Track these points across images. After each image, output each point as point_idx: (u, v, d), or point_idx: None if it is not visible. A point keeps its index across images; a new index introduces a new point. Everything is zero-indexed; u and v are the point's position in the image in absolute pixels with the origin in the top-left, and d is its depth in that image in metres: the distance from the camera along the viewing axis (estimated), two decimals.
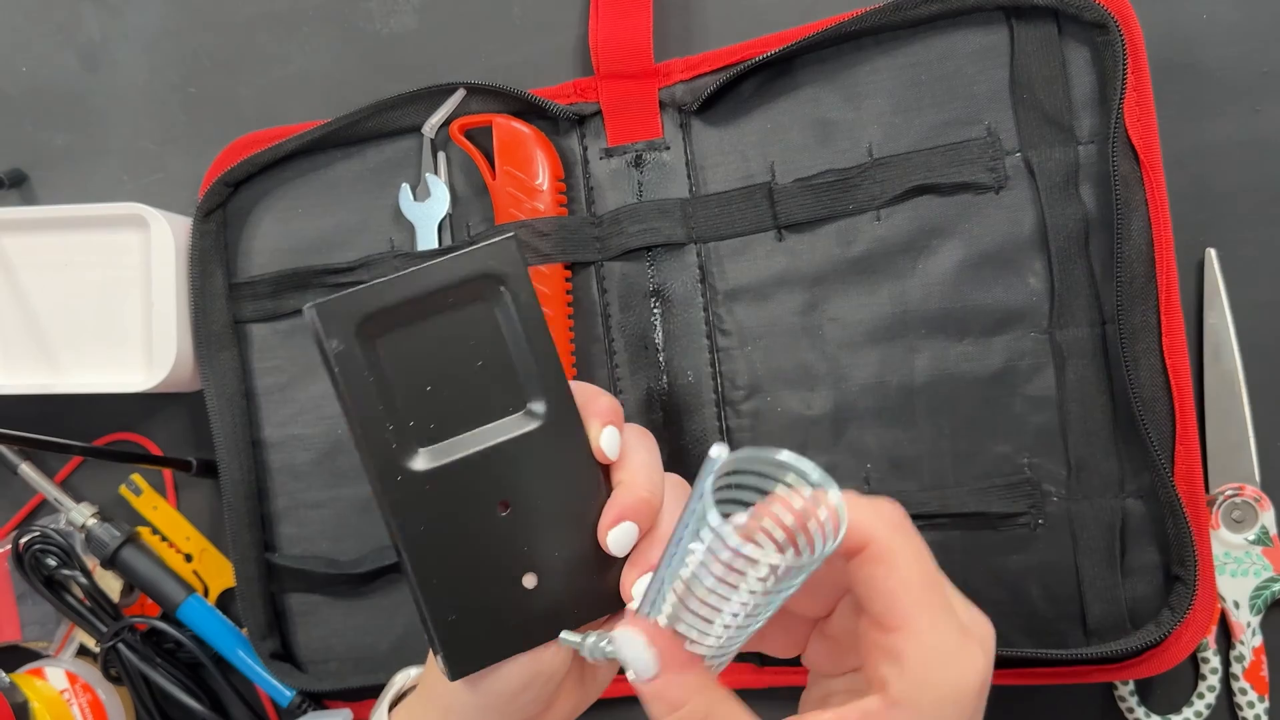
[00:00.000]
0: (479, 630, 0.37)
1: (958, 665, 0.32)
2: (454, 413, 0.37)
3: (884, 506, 0.33)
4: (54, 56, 0.66)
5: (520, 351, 0.37)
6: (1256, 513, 0.51)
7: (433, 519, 0.36)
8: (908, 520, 0.33)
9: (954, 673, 0.32)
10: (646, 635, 0.33)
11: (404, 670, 0.57)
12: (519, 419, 0.37)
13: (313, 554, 0.60)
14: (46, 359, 0.62)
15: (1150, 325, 0.48)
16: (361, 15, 0.62)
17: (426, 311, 0.36)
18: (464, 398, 0.37)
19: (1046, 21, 0.50)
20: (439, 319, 0.36)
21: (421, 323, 0.36)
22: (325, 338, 0.35)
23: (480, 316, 0.37)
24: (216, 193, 0.59)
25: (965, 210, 0.51)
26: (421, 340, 0.36)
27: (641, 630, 0.33)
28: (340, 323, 0.35)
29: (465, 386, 0.37)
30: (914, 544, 0.33)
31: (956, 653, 0.32)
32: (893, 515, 0.33)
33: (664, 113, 0.55)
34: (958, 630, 0.32)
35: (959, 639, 0.32)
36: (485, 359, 0.37)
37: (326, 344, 0.35)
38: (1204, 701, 0.52)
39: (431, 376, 0.37)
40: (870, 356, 0.53)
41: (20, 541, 0.62)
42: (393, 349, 0.36)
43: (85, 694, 0.62)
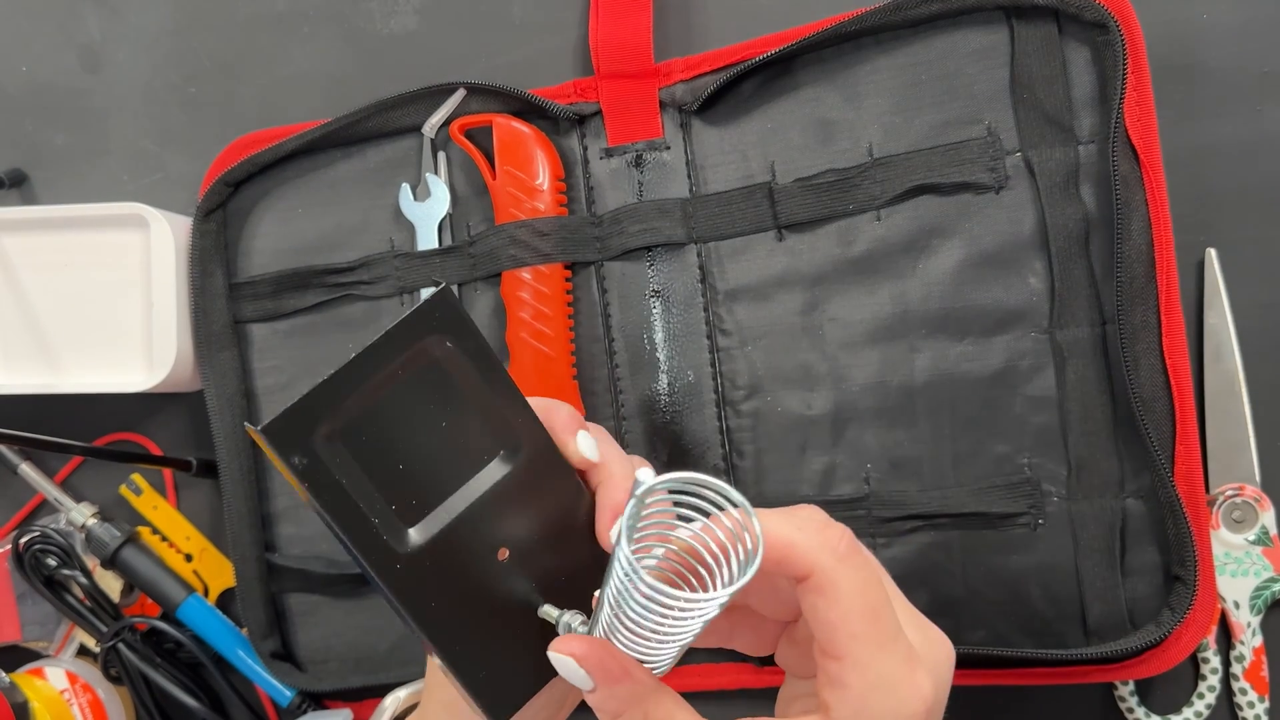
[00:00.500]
0: (510, 674, 0.37)
1: (898, 696, 0.32)
2: (433, 481, 0.36)
3: (831, 535, 0.33)
4: (54, 56, 0.66)
5: (481, 398, 0.36)
6: (1257, 513, 0.51)
7: (440, 590, 0.36)
8: (857, 548, 0.33)
9: (894, 702, 0.32)
10: (575, 656, 0.33)
11: (392, 694, 0.57)
12: (496, 464, 0.37)
13: (313, 554, 0.60)
14: (46, 359, 0.62)
15: (1150, 325, 0.48)
16: (361, 15, 0.62)
17: (379, 393, 0.35)
18: (438, 463, 0.36)
19: (1047, 21, 0.50)
20: (393, 395, 0.35)
21: (377, 405, 0.35)
22: (284, 457, 0.34)
23: (433, 378, 0.36)
24: (217, 192, 0.59)
25: (965, 210, 0.51)
26: (382, 422, 0.35)
27: (569, 653, 0.34)
28: (294, 436, 0.34)
29: (436, 451, 0.36)
30: (859, 574, 0.32)
31: (898, 684, 0.32)
32: (838, 544, 0.32)
33: (664, 112, 0.55)
34: (902, 660, 0.32)
35: (903, 669, 0.32)
36: (448, 418, 0.36)
37: (291, 462, 0.34)
38: (1204, 701, 0.52)
39: (401, 454, 0.36)
40: (870, 356, 0.53)
41: (20, 541, 0.62)
42: (355, 442, 0.35)
43: (85, 694, 0.62)
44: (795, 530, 0.32)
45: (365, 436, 0.35)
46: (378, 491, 0.35)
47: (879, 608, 0.32)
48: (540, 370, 0.55)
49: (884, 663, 0.32)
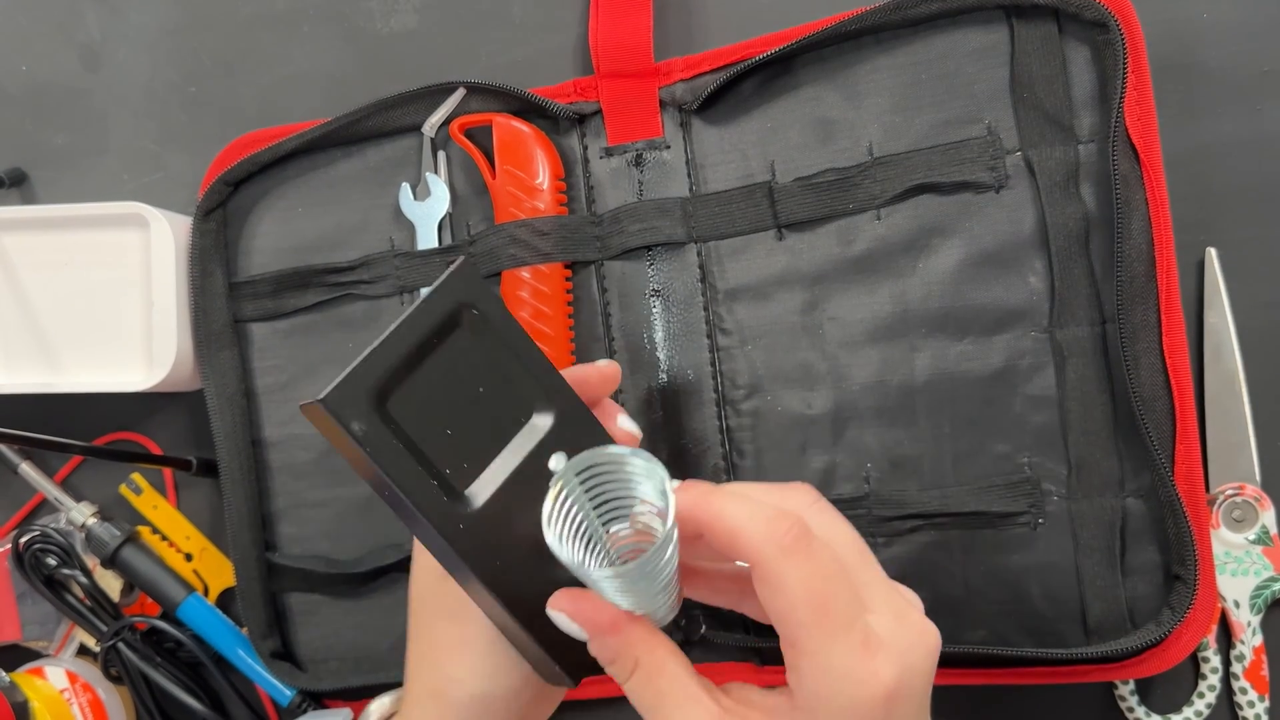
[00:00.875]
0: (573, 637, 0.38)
1: (852, 682, 0.33)
2: (478, 445, 0.37)
3: (778, 527, 0.33)
4: (54, 56, 0.66)
5: (511, 364, 0.38)
6: (1257, 512, 0.51)
7: (503, 549, 0.37)
8: (804, 540, 0.33)
9: (848, 688, 0.32)
10: (568, 612, 0.36)
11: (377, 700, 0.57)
12: (532, 427, 0.38)
13: (313, 553, 0.60)
14: (46, 359, 0.62)
15: (1150, 324, 0.48)
16: (361, 15, 0.62)
17: (418, 362, 0.37)
18: (480, 427, 0.38)
19: (1047, 20, 0.50)
20: (431, 365, 0.37)
21: (418, 374, 0.37)
22: (346, 423, 0.35)
23: (465, 346, 0.38)
24: (217, 192, 0.59)
25: (965, 209, 0.51)
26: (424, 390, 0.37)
27: (562, 609, 0.36)
28: (351, 405, 0.35)
29: (477, 415, 0.37)
30: (805, 568, 0.33)
31: (851, 670, 0.33)
32: (784, 537, 0.33)
33: (664, 112, 0.55)
34: (856, 647, 0.33)
35: (856, 657, 0.33)
36: (484, 383, 0.37)
37: (351, 429, 0.35)
38: (1204, 701, 0.52)
39: (446, 419, 0.37)
40: (870, 356, 0.53)
41: (20, 541, 0.62)
42: (403, 410, 0.36)
43: (85, 693, 0.62)
44: (746, 520, 0.33)
45: (412, 404, 0.37)
46: (431, 456, 0.37)
47: (827, 596, 0.33)
48: None
49: (834, 651, 0.32)
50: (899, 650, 0.33)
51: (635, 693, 0.36)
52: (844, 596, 0.33)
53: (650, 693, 0.35)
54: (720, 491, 0.34)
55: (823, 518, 0.36)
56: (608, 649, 0.36)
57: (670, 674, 0.35)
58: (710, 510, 0.34)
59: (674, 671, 0.35)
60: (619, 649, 0.36)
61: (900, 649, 0.33)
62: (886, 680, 0.33)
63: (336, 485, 0.59)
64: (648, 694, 0.36)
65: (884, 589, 0.35)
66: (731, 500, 0.34)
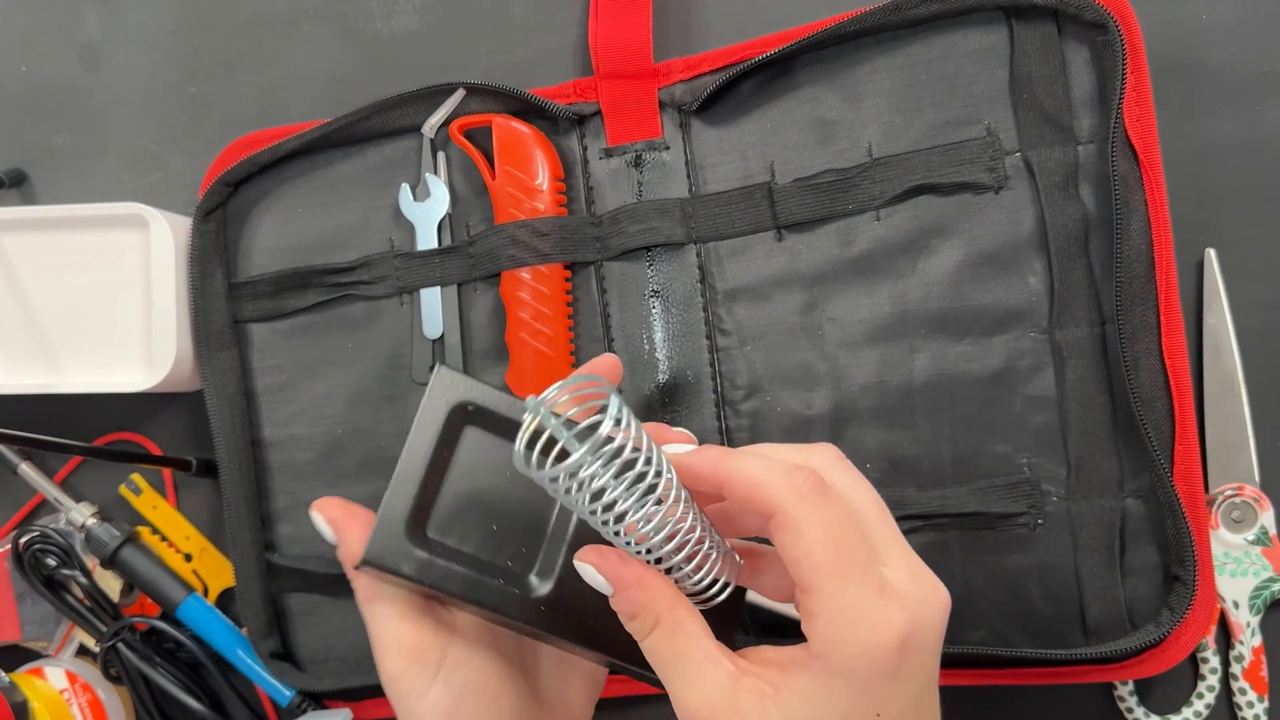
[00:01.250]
0: None
1: (867, 623, 0.33)
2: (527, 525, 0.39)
3: (797, 477, 0.34)
4: (54, 56, 0.66)
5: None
6: (1256, 513, 0.51)
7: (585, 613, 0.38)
8: (821, 489, 0.34)
9: (863, 631, 0.33)
10: (594, 564, 0.36)
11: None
12: None
13: (312, 554, 0.60)
14: (46, 359, 0.62)
15: (1150, 325, 0.48)
16: (361, 15, 0.62)
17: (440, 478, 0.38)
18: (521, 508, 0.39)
19: (1046, 21, 0.50)
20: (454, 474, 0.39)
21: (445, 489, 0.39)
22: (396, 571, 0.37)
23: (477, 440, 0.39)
24: (216, 192, 0.59)
25: (965, 210, 0.51)
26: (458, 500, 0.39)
27: (589, 561, 0.36)
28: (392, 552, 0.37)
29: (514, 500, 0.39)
30: (823, 513, 0.34)
31: (866, 612, 0.33)
32: (802, 485, 0.34)
33: (663, 113, 0.55)
34: (872, 591, 0.33)
35: (872, 599, 0.33)
36: (509, 467, 0.38)
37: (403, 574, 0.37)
38: (1203, 701, 0.52)
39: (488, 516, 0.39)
40: (870, 356, 0.53)
41: (20, 541, 0.62)
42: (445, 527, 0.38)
43: (85, 694, 0.62)
44: (765, 472, 0.34)
45: (451, 518, 0.39)
46: (488, 559, 0.38)
47: (845, 541, 0.34)
48: (540, 370, 0.55)
49: (850, 592, 0.33)
50: (914, 601, 0.34)
51: (653, 649, 0.36)
52: (860, 544, 0.34)
53: (669, 650, 0.36)
54: (739, 451, 0.35)
55: (845, 476, 0.37)
56: (629, 602, 0.36)
57: (688, 633, 0.36)
58: (729, 466, 0.35)
59: (692, 630, 0.36)
60: (641, 602, 0.36)
61: (915, 600, 0.34)
62: (900, 626, 0.33)
63: (336, 485, 0.59)
64: (666, 651, 0.36)
65: (900, 547, 0.36)
66: (750, 457, 0.35)
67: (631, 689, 0.56)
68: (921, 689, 0.35)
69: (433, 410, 0.39)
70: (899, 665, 0.33)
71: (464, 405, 0.39)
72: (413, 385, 0.58)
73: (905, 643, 0.33)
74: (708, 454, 0.35)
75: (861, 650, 0.33)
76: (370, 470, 0.59)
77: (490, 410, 0.39)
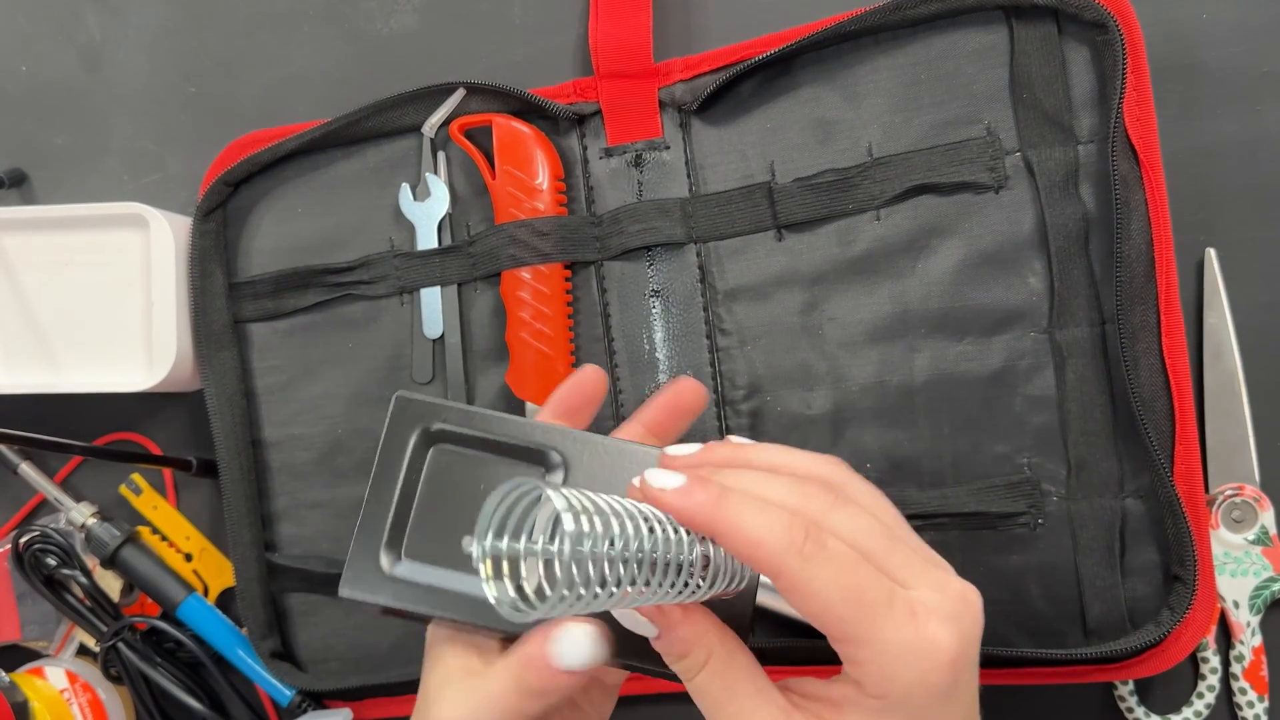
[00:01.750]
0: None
1: (914, 656, 0.33)
2: None
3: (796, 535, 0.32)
4: (54, 56, 0.66)
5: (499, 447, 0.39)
6: (1256, 512, 0.51)
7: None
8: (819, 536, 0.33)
9: (912, 661, 0.33)
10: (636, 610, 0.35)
11: None
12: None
13: (313, 554, 0.60)
14: (46, 359, 0.62)
15: (1150, 325, 0.48)
16: (361, 15, 0.62)
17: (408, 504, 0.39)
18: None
19: (1046, 21, 0.50)
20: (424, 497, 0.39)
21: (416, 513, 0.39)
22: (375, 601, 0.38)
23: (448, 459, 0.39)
24: (217, 192, 0.59)
25: (965, 210, 0.51)
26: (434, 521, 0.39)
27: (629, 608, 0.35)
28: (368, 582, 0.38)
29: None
30: (828, 567, 0.32)
31: (910, 645, 0.33)
32: (803, 545, 0.32)
33: (664, 112, 0.55)
34: (906, 621, 0.33)
35: (910, 630, 0.33)
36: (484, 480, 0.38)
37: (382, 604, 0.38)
38: (1204, 701, 0.52)
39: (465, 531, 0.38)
40: (870, 356, 0.53)
41: (20, 541, 0.62)
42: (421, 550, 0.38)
43: (85, 693, 0.62)
44: (765, 531, 0.32)
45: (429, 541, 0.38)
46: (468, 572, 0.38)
47: (861, 587, 0.33)
48: (540, 370, 0.55)
49: (886, 632, 0.32)
50: (951, 615, 0.33)
51: (704, 687, 0.35)
52: (877, 583, 0.33)
53: (720, 686, 0.35)
54: (730, 497, 0.33)
55: (863, 488, 0.37)
56: (679, 642, 0.35)
57: (740, 667, 0.35)
58: (724, 519, 0.33)
59: (744, 665, 0.35)
60: (691, 640, 0.35)
61: (951, 615, 0.33)
62: (946, 646, 0.33)
63: (336, 485, 0.59)
64: (717, 687, 0.35)
65: (919, 565, 0.35)
66: (746, 509, 0.33)
67: (632, 689, 0.56)
68: (972, 698, 0.35)
69: (397, 439, 0.39)
70: (953, 683, 0.33)
71: (427, 430, 0.39)
72: (413, 385, 0.58)
73: (955, 661, 0.33)
74: (697, 495, 0.33)
75: (916, 680, 0.33)
76: (370, 470, 0.59)
77: (454, 430, 0.39)
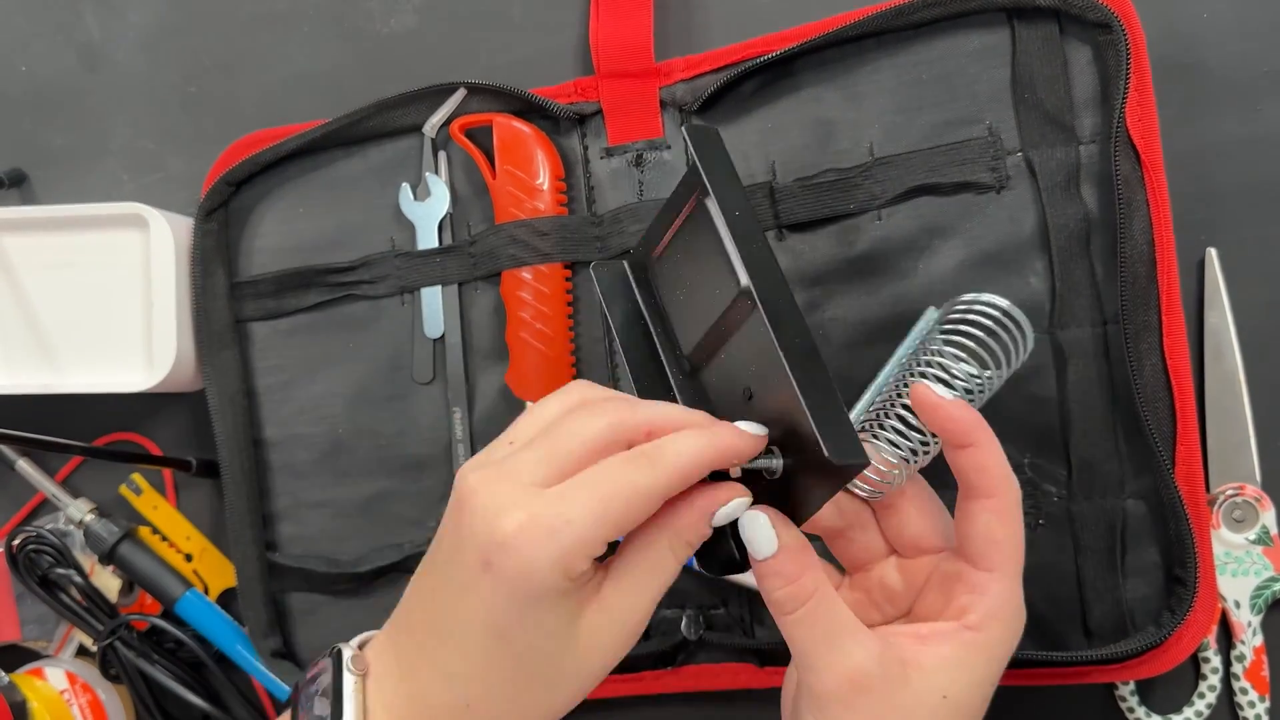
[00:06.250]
0: None
1: (1019, 616, 0.41)
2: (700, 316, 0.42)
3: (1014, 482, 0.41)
4: (54, 56, 0.66)
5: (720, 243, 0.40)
6: (1257, 512, 0.51)
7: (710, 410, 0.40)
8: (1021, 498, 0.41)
9: (1016, 619, 0.40)
10: (770, 517, 0.38)
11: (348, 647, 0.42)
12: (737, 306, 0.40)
13: (313, 553, 0.60)
14: (46, 359, 0.62)
15: (1151, 325, 0.48)
16: (361, 15, 0.62)
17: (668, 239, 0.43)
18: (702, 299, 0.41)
19: (1048, 21, 0.50)
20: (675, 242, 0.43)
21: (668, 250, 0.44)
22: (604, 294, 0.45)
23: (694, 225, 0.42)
24: (218, 192, 0.59)
25: (966, 210, 0.51)
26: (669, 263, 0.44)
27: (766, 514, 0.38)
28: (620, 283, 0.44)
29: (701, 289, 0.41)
30: (1022, 517, 0.41)
31: (1021, 607, 0.41)
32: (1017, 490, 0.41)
33: (665, 112, 0.55)
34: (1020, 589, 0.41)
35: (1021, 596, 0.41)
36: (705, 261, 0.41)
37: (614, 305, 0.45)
38: (1204, 701, 0.52)
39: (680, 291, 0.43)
40: (872, 356, 0.52)
41: (14, 542, 0.62)
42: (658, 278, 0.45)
43: (85, 694, 0.62)
44: (1003, 464, 0.40)
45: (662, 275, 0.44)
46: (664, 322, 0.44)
47: (1022, 545, 0.41)
48: (540, 370, 0.55)
49: (1017, 586, 0.40)
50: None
51: (807, 619, 0.38)
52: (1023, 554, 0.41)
53: (823, 618, 0.38)
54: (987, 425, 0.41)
55: None
56: (795, 563, 0.38)
57: (840, 605, 0.38)
58: (986, 435, 0.40)
59: (842, 604, 0.39)
60: (803, 570, 0.38)
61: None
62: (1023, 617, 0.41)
63: (337, 485, 0.59)
64: (820, 619, 0.38)
65: None
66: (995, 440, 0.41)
67: (632, 689, 0.56)
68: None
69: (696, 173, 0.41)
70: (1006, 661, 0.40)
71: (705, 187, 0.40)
72: (413, 385, 0.58)
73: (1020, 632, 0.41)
74: (971, 412, 0.41)
75: (1011, 633, 0.40)
76: (371, 470, 0.59)
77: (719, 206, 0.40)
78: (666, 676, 0.55)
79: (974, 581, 0.40)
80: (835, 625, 0.38)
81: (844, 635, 0.38)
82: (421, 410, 0.58)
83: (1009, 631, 0.40)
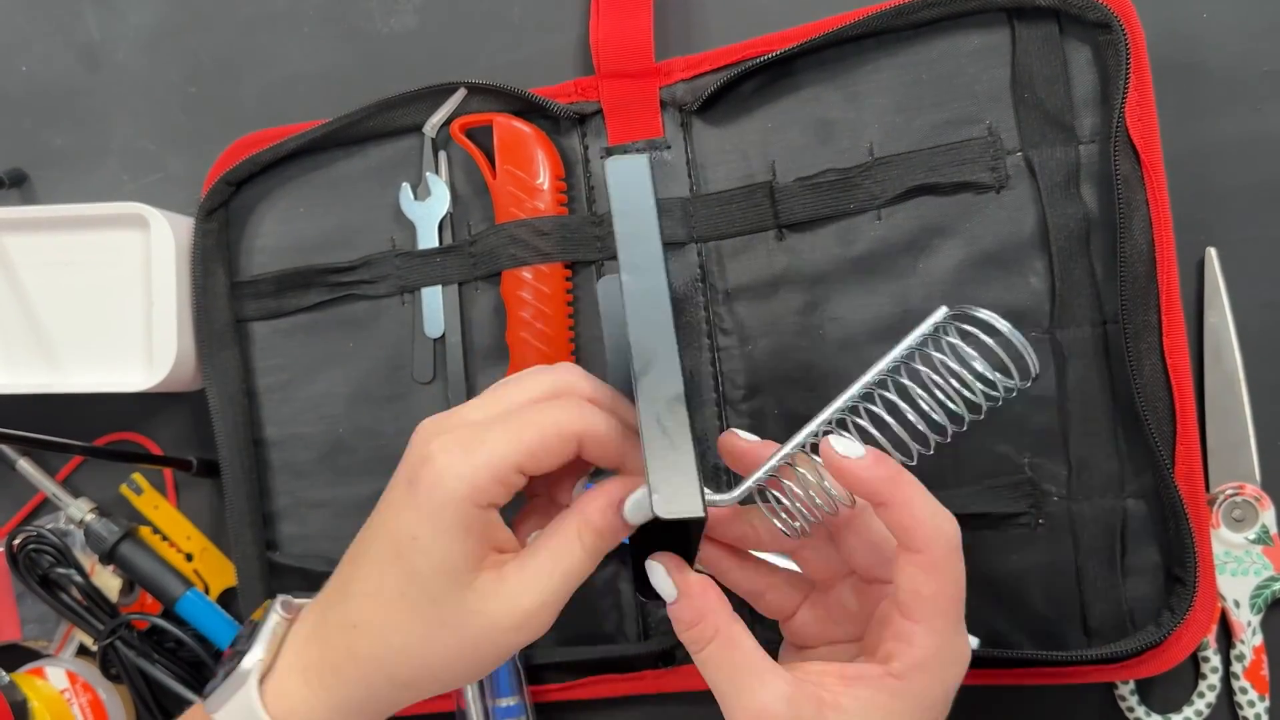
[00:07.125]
0: None
1: (958, 666, 0.39)
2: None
3: (950, 528, 0.38)
4: (54, 56, 0.66)
5: None
6: (1257, 512, 0.51)
7: None
8: (959, 541, 0.38)
9: (948, 667, 0.39)
10: (666, 566, 0.40)
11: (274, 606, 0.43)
12: None
13: (314, 553, 0.60)
14: (46, 359, 0.62)
15: (1151, 325, 0.48)
16: (361, 15, 0.62)
17: None
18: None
19: (1048, 21, 0.50)
20: None
21: None
22: None
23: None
24: (219, 191, 0.59)
25: (966, 210, 0.51)
26: None
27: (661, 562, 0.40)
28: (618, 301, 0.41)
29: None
30: (958, 568, 0.38)
31: (961, 655, 0.39)
32: (952, 537, 0.38)
33: (665, 112, 0.55)
34: (962, 635, 0.39)
35: (962, 643, 0.39)
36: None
37: None
38: (1204, 701, 0.52)
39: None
40: (871, 356, 0.52)
41: (14, 541, 0.62)
42: None
43: (85, 693, 0.62)
44: (930, 515, 0.38)
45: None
46: None
47: (959, 597, 0.38)
48: None
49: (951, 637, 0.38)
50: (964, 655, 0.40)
51: (711, 659, 0.38)
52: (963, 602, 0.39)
53: (728, 659, 0.38)
54: (907, 478, 0.38)
55: None
56: (691, 610, 0.39)
57: (745, 647, 0.38)
58: (902, 494, 0.38)
59: (749, 645, 0.38)
60: (703, 612, 0.38)
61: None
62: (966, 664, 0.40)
63: (338, 485, 0.59)
64: (725, 660, 0.38)
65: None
66: (919, 492, 0.38)
67: (632, 689, 0.56)
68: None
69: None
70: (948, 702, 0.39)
71: None
72: (413, 385, 0.58)
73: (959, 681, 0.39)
74: (881, 469, 0.38)
75: (938, 681, 0.38)
76: (372, 469, 0.59)
77: None
78: (666, 676, 0.56)
79: (901, 630, 0.38)
80: (741, 666, 0.38)
81: (750, 676, 0.38)
82: (422, 410, 0.58)
83: (935, 680, 0.38)
